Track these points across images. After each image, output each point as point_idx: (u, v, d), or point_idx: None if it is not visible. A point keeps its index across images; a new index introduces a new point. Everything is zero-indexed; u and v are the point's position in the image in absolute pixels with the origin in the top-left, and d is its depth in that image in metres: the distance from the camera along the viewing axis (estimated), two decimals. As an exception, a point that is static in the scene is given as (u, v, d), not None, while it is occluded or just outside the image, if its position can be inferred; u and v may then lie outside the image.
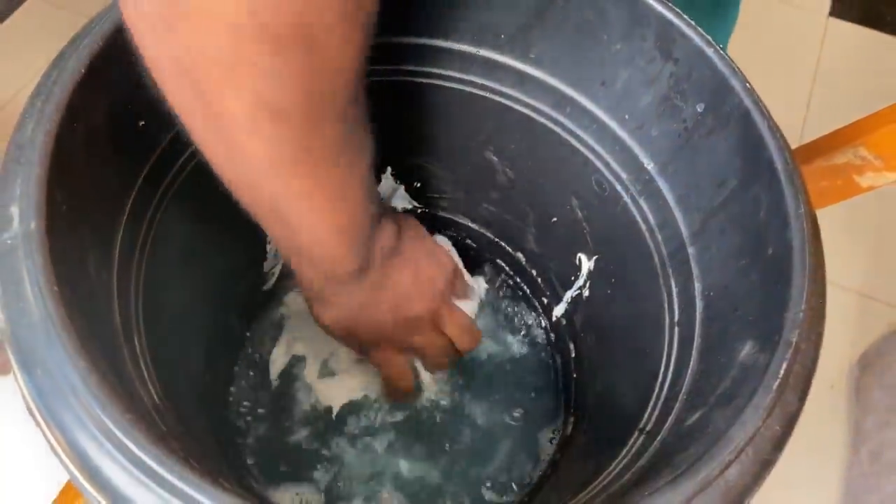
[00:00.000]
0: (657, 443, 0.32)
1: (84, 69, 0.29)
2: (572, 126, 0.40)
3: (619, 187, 0.39)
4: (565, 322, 0.51)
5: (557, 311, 0.51)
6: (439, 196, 0.51)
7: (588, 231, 0.44)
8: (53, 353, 0.24)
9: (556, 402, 0.50)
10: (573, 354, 0.50)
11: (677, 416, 0.32)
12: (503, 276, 0.55)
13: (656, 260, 0.38)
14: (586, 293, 0.47)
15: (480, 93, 0.41)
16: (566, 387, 0.50)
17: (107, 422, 0.23)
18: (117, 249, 0.32)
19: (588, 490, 0.32)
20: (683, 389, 0.33)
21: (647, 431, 0.34)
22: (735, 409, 0.27)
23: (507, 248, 0.53)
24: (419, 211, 0.52)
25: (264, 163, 0.26)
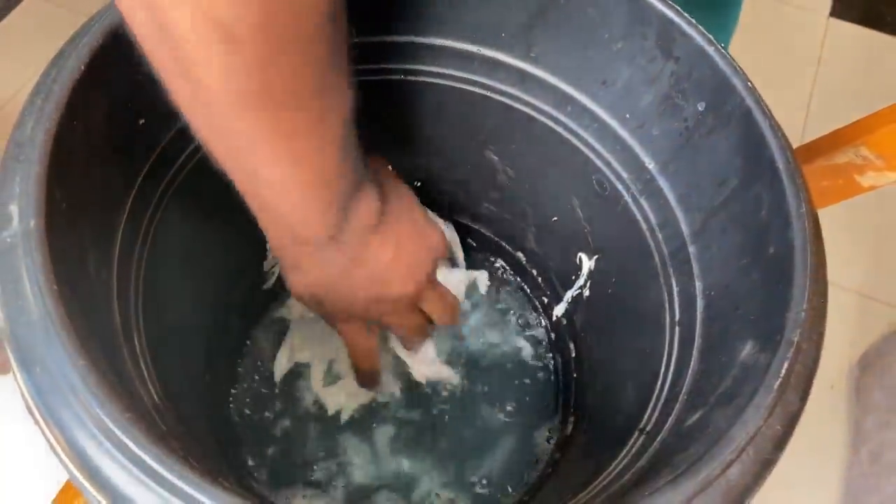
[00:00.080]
0: (657, 443, 0.32)
1: (84, 67, 0.28)
2: (573, 125, 0.40)
3: (620, 186, 0.39)
4: (566, 321, 0.51)
5: (558, 310, 0.51)
6: (440, 195, 0.50)
7: (588, 230, 0.44)
8: (53, 351, 0.24)
9: (556, 401, 0.50)
10: (573, 354, 0.50)
11: (678, 416, 0.32)
12: (503, 275, 0.54)
13: (657, 259, 0.38)
14: (587, 293, 0.47)
15: (481, 92, 0.41)
16: (566, 386, 0.50)
17: (106, 421, 0.23)
18: (117, 248, 0.31)
19: (588, 490, 0.32)
20: (684, 389, 0.33)
21: (647, 431, 0.34)
22: (736, 409, 0.27)
23: (508, 247, 0.53)
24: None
25: (220, 96, 0.23)
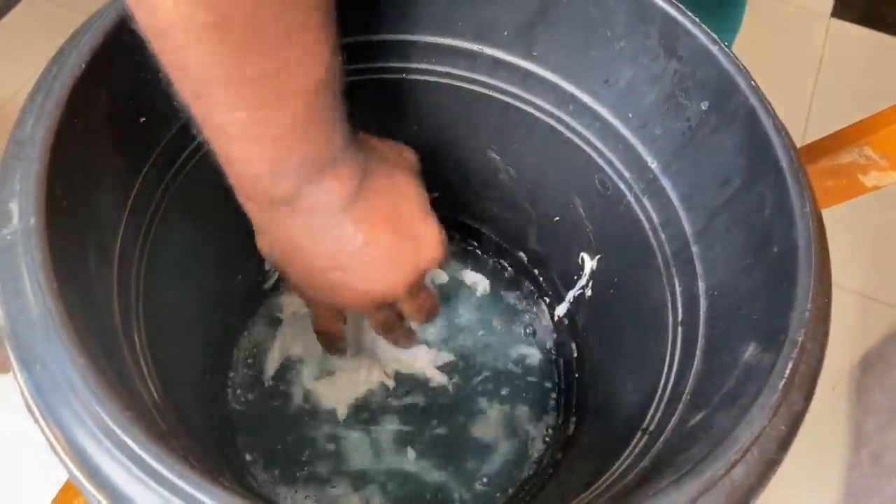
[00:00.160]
0: (660, 443, 0.31)
1: (85, 65, 0.28)
2: (575, 124, 0.40)
3: (623, 186, 0.39)
4: (567, 322, 0.50)
5: (560, 310, 0.51)
6: (441, 195, 0.50)
7: (591, 230, 0.44)
8: (53, 349, 0.24)
9: (557, 401, 0.50)
10: (575, 354, 0.50)
11: (681, 417, 0.32)
12: (505, 275, 0.54)
13: (660, 259, 0.38)
14: (589, 293, 0.47)
15: (483, 90, 0.41)
16: (568, 386, 0.50)
17: (106, 419, 0.22)
18: (118, 246, 0.31)
19: (591, 490, 0.32)
20: (687, 389, 0.32)
21: (650, 431, 0.34)
22: (740, 409, 0.26)
23: (509, 247, 0.53)
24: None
25: (175, 23, 0.22)
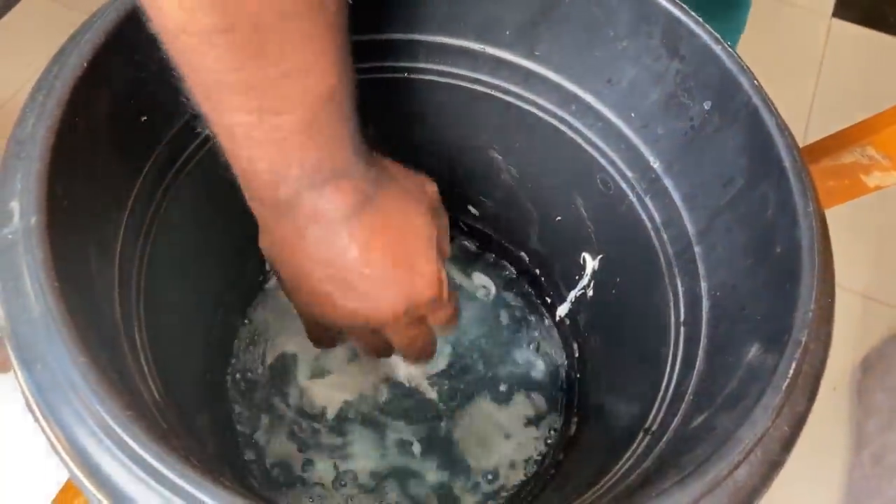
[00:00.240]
0: (663, 443, 0.31)
1: (86, 64, 0.28)
2: (577, 124, 0.40)
3: (625, 186, 0.39)
4: (569, 322, 0.50)
5: (561, 310, 0.51)
6: (442, 194, 0.50)
7: (593, 230, 0.44)
8: (53, 348, 0.23)
9: (559, 401, 0.50)
10: (577, 354, 0.50)
11: (683, 417, 0.32)
12: (506, 275, 0.54)
13: (662, 259, 0.38)
14: (590, 293, 0.47)
15: (484, 90, 0.41)
16: (570, 387, 0.50)
17: (107, 418, 0.22)
18: (118, 245, 0.31)
19: (593, 490, 0.32)
20: (690, 390, 0.32)
21: (652, 432, 0.33)
22: (743, 410, 0.26)
23: (511, 247, 0.53)
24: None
25: (182, 26, 0.23)
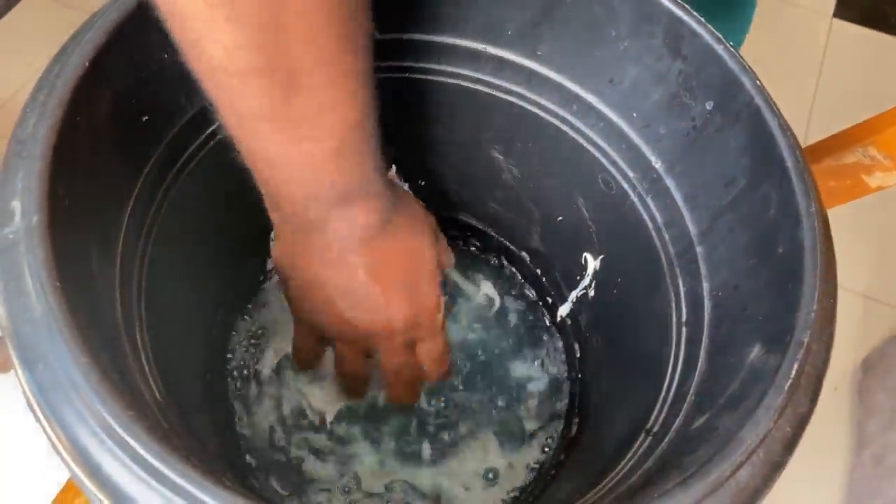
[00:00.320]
0: (665, 444, 0.31)
1: (87, 63, 0.28)
2: (579, 124, 0.40)
3: (626, 186, 0.39)
4: (570, 322, 0.50)
5: (562, 310, 0.51)
6: (444, 194, 0.50)
7: (594, 230, 0.44)
8: (55, 348, 0.23)
9: (560, 402, 0.50)
10: (578, 354, 0.50)
11: (685, 418, 0.31)
12: (508, 275, 0.54)
13: (663, 259, 0.38)
14: (592, 293, 0.47)
15: (486, 90, 0.41)
16: (571, 387, 0.50)
17: (108, 418, 0.22)
18: (120, 245, 0.31)
19: (595, 491, 0.32)
20: (691, 390, 0.32)
21: (654, 432, 0.33)
22: (745, 411, 0.26)
23: (512, 247, 0.53)
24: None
25: (224, 67, 0.24)
